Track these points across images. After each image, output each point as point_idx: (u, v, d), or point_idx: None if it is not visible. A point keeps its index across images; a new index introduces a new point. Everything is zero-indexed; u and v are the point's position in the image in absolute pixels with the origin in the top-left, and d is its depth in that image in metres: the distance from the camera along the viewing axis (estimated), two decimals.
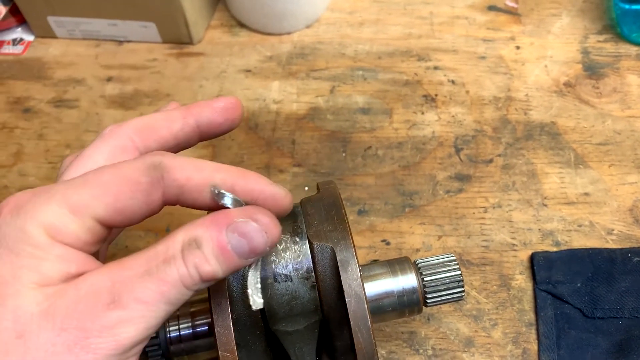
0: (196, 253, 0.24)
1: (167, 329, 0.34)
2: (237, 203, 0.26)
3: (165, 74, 0.59)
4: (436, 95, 0.55)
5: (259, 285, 0.27)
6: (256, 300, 0.26)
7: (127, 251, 0.47)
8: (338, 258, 0.29)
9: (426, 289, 0.34)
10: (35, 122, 0.56)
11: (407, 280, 0.34)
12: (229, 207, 0.26)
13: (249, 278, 0.27)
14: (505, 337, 0.41)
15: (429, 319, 0.42)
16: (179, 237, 0.24)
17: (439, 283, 0.34)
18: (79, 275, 0.24)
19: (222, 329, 0.28)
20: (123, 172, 0.25)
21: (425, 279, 0.34)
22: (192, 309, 0.34)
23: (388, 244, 0.46)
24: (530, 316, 0.41)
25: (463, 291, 0.35)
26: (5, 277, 0.23)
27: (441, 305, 0.42)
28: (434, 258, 0.35)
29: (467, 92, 0.55)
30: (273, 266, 0.30)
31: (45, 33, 0.63)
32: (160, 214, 0.27)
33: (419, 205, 0.48)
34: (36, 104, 0.58)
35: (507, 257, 0.44)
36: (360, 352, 0.28)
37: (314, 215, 0.31)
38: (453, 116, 0.53)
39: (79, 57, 0.61)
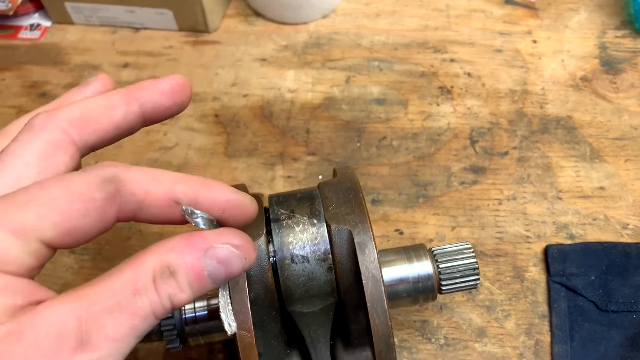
0: (170, 282, 0.22)
1: (183, 310, 0.34)
2: (210, 223, 0.24)
3: (181, 62, 0.59)
4: (452, 87, 0.54)
5: (230, 307, 0.25)
6: (231, 324, 0.24)
7: (141, 235, 0.47)
8: (356, 241, 0.29)
9: (441, 276, 0.34)
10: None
11: (422, 267, 0.34)
12: (202, 228, 0.23)
13: (220, 301, 0.25)
14: (518, 328, 0.41)
15: (441, 309, 0.42)
16: (149, 263, 0.22)
17: (455, 270, 0.34)
18: (26, 306, 0.21)
19: (239, 307, 0.28)
20: (74, 188, 0.22)
21: (441, 266, 0.34)
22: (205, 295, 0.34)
23: (401, 233, 0.46)
24: (544, 308, 0.41)
25: (478, 279, 0.35)
26: None
27: (454, 295, 0.42)
28: (449, 246, 0.35)
29: (483, 84, 0.54)
30: (290, 247, 0.30)
31: (62, 19, 0.63)
32: None
33: (433, 196, 0.47)
34: (52, 89, 0.58)
35: (521, 249, 0.44)
36: (376, 334, 0.28)
37: (332, 198, 0.31)
38: (469, 108, 0.53)
39: (96, 43, 0.62)
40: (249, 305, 0.28)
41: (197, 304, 0.34)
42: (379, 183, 0.48)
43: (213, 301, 0.34)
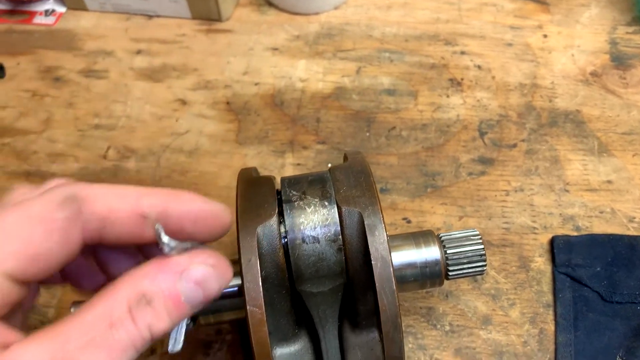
0: (147, 311, 0.20)
1: None
2: (181, 246, 0.22)
3: (193, 49, 0.60)
4: (462, 79, 0.55)
5: (183, 325, 0.24)
6: (178, 340, 0.23)
7: None
8: (366, 223, 0.30)
9: (449, 262, 0.34)
10: (65, 90, 0.57)
11: (430, 252, 0.34)
12: (170, 251, 0.22)
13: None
14: (522, 317, 0.41)
15: (447, 296, 0.42)
16: (122, 293, 0.20)
17: (462, 256, 0.35)
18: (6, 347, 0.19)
19: (251, 284, 0.29)
20: (32, 211, 0.21)
21: (448, 251, 0.34)
22: None
23: (409, 222, 0.46)
24: (549, 297, 0.42)
25: (485, 265, 0.35)
26: None
27: (460, 283, 0.43)
28: (457, 232, 0.35)
29: (493, 77, 0.55)
30: (302, 228, 0.30)
31: (76, 5, 0.64)
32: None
33: (441, 186, 0.48)
34: (66, 74, 0.59)
35: (527, 239, 0.45)
36: (384, 314, 0.29)
37: (343, 181, 0.32)
38: (478, 100, 0.53)
39: (109, 29, 0.62)
40: (260, 282, 0.29)
41: None
42: (387, 172, 0.49)
43: None
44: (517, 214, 0.46)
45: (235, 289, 0.34)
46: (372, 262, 0.29)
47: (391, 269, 0.29)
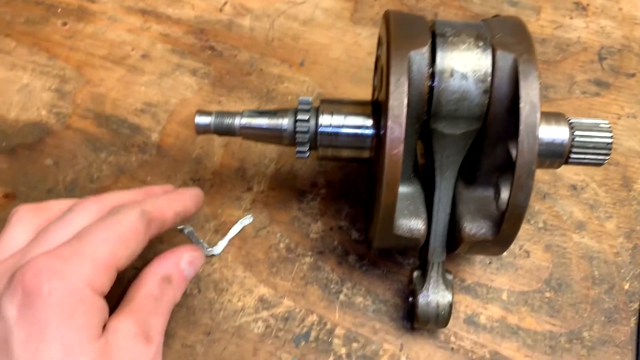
0: (170, 287, 0.32)
1: (320, 116, 0.35)
2: (192, 235, 0.41)
3: None
4: (588, 5, 0.53)
5: (202, 241, 0.40)
6: (211, 249, 0.40)
7: (261, 73, 0.48)
8: (520, 68, 0.29)
9: (574, 144, 0.34)
10: None
11: (558, 132, 0.34)
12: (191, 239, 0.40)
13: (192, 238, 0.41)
14: (618, 230, 0.41)
15: (544, 197, 0.42)
16: (153, 278, 0.32)
17: (589, 142, 0.34)
18: (105, 323, 0.29)
19: (396, 102, 0.29)
20: (127, 226, 0.30)
21: (577, 135, 0.34)
22: (345, 109, 0.35)
23: None
24: None
25: (608, 156, 0.34)
26: (69, 342, 0.27)
27: (558, 187, 0.42)
28: (588, 119, 0.35)
29: (620, 9, 0.53)
30: (452, 62, 0.30)
31: None
32: None
33: (552, 99, 0.47)
34: None
35: (633, 162, 0.44)
36: (521, 157, 0.29)
37: (498, 28, 0.31)
38: (602, 27, 0.52)
39: None
40: (405, 101, 0.29)
41: (335, 117, 0.35)
42: None
43: (350, 116, 0.35)
44: (626, 138, 0.45)
45: (362, 131, 0.34)
46: (521, 105, 0.29)
47: (538, 115, 0.29)
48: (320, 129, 0.35)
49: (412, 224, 0.33)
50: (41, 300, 0.27)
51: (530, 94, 0.29)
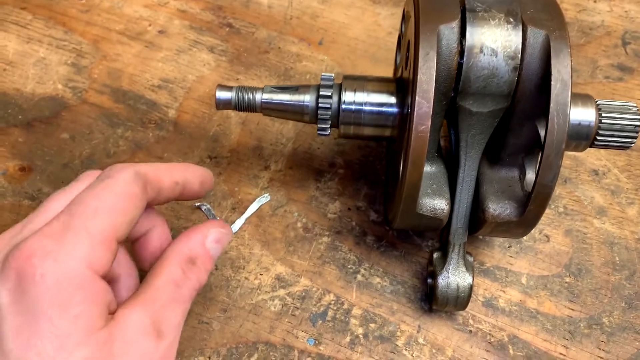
0: (194, 269, 0.29)
1: (343, 92, 0.34)
2: (209, 212, 0.39)
3: None
4: None
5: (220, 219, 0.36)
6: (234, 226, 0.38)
7: (279, 52, 0.48)
8: (552, 45, 0.29)
9: (601, 126, 0.33)
10: None
11: (585, 114, 0.33)
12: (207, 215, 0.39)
13: (209, 216, 0.38)
14: (639, 217, 0.40)
15: (565, 181, 0.42)
16: (174, 261, 0.29)
17: (616, 124, 0.33)
18: (112, 312, 0.26)
19: (425, 77, 0.28)
20: (121, 190, 0.27)
21: (604, 117, 0.33)
22: (368, 86, 0.34)
23: None
24: None
25: (635, 138, 0.34)
26: (64, 334, 0.24)
27: (580, 172, 0.42)
28: (616, 101, 0.34)
29: None
30: (482, 38, 0.30)
31: None
32: None
33: (575, 83, 0.46)
34: None
35: None
36: (550, 136, 0.28)
37: (530, 4, 0.31)
38: (626, 12, 0.51)
39: None
40: (434, 76, 0.28)
41: (358, 94, 0.34)
42: None
43: (373, 94, 0.34)
44: None
45: (385, 108, 0.34)
46: (552, 83, 0.28)
47: (569, 93, 0.28)
48: (342, 106, 0.34)
49: (435, 203, 0.32)
50: (34, 285, 0.24)
51: (561, 72, 0.28)
